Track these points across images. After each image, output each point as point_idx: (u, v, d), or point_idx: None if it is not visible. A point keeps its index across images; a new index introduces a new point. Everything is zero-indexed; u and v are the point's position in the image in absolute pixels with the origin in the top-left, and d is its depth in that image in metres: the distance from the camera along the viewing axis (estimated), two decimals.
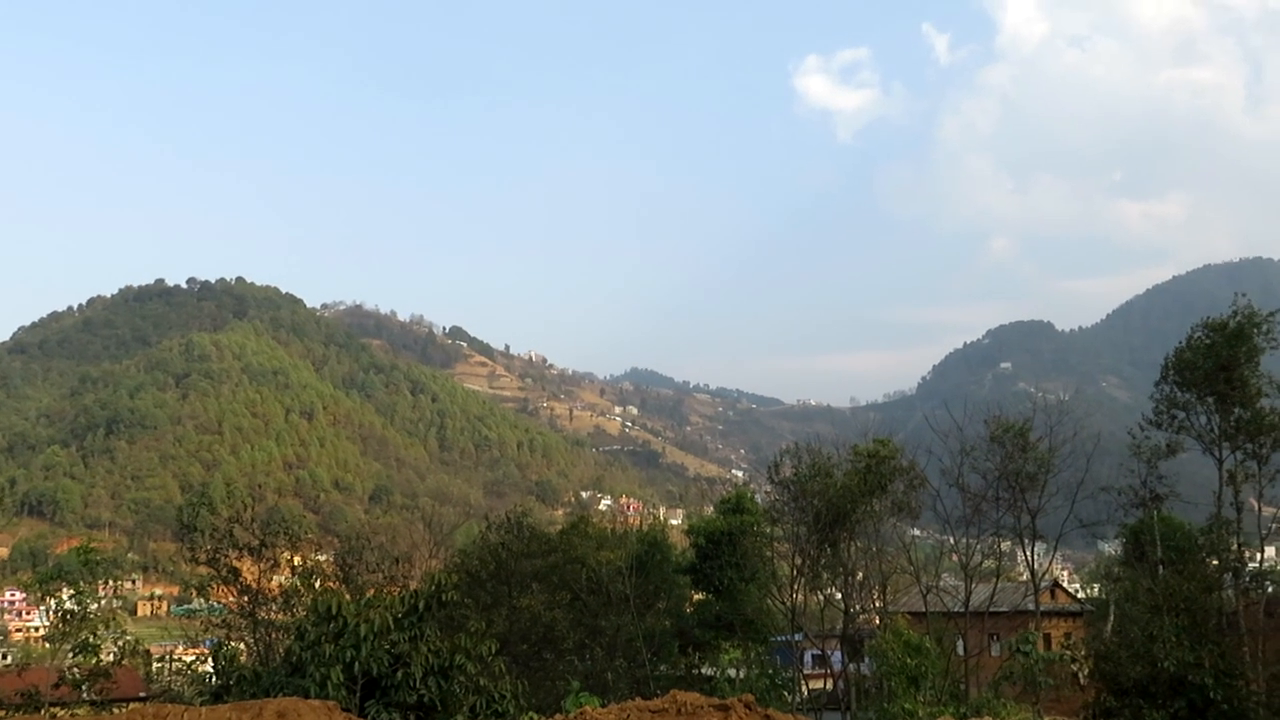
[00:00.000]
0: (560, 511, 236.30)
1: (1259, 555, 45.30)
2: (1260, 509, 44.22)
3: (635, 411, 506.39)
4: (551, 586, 47.95)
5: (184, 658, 52.87)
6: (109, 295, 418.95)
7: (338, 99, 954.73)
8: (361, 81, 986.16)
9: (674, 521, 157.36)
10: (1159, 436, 44.12)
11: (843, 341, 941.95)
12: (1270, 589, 46.15)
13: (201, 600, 43.09)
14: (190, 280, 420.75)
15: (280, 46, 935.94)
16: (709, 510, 66.75)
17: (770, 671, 49.66)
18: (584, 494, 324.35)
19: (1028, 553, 50.56)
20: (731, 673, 50.15)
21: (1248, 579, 43.33)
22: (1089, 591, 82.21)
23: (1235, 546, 43.08)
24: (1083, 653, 44.36)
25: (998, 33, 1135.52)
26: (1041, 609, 54.63)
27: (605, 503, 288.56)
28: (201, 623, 43.44)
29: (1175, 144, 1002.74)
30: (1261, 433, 40.87)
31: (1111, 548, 69.47)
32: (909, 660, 38.61)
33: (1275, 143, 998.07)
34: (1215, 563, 43.59)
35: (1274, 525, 47.28)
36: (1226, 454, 41.94)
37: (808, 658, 58.44)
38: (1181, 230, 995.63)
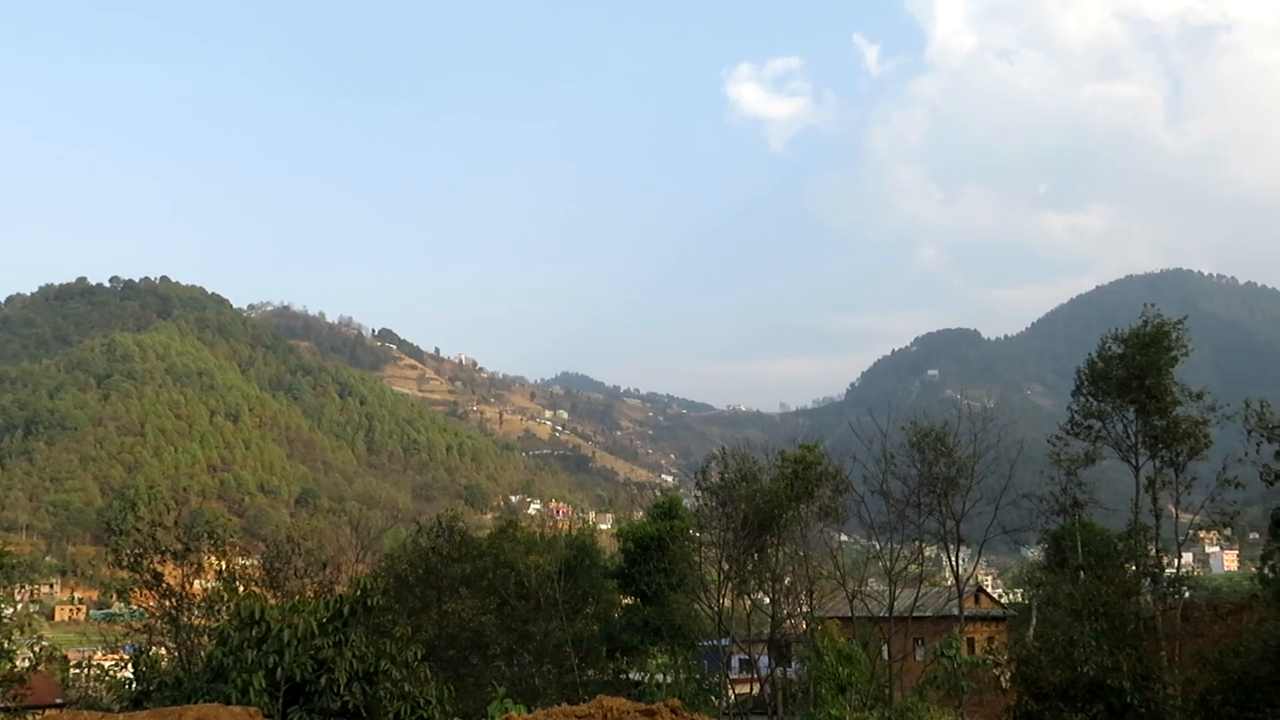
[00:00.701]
0: (489, 516, 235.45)
1: (1176, 561, 46.17)
2: (1177, 515, 45.12)
3: (565, 416, 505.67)
4: (480, 591, 47.74)
5: (103, 663, 52.00)
6: (28, 294, 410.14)
7: (263, 102, 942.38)
8: (287, 85, 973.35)
9: (603, 526, 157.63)
10: (1078, 445, 44.86)
11: (774, 347, 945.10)
12: (1187, 594, 47.08)
13: (122, 605, 42.42)
14: (113, 279, 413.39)
15: (206, 49, 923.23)
16: (639, 515, 66.85)
17: (698, 676, 49.89)
18: (513, 498, 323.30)
19: (952, 558, 51.14)
20: (659, 677, 50.29)
21: (1165, 584, 44.17)
22: (1012, 596, 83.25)
23: (1153, 552, 43.90)
24: (1005, 657, 44.94)
25: (928, 44, 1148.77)
26: (965, 614, 55.32)
27: (535, 507, 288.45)
28: (122, 628, 42.79)
29: (1098, 157, 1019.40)
30: (1177, 440, 41.72)
31: (1034, 553, 70.50)
32: (841, 668, 38.92)
33: (1194, 157, 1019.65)
34: (1134, 568, 44.39)
35: (1191, 531, 48.31)
36: (1144, 461, 42.77)
37: (735, 662, 58.65)
38: (1104, 242, 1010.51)
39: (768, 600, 51.68)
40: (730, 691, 53.09)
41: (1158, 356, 41.89)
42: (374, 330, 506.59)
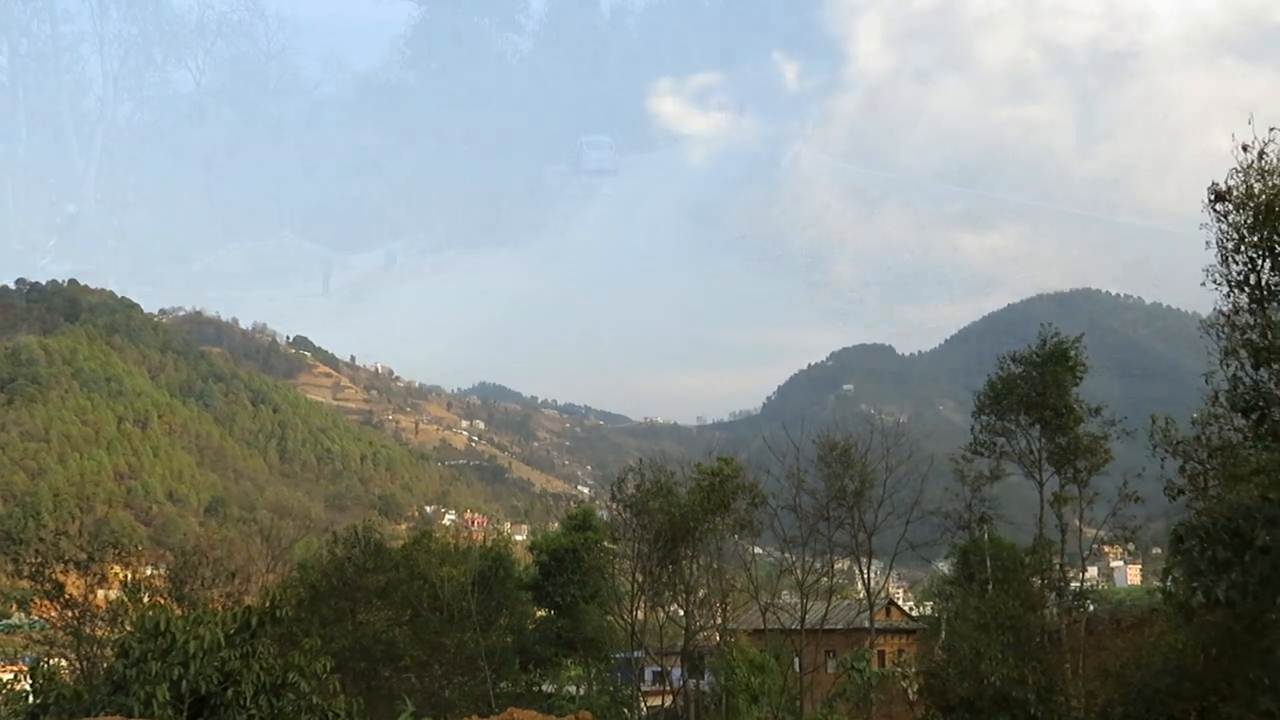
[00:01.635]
0: (404, 526, 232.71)
1: (1081, 575, 47.08)
2: (1082, 530, 46.01)
3: (482, 426, 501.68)
4: (394, 603, 47.34)
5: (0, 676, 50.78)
6: None
7: (173, 103, 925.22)
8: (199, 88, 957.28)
9: (519, 537, 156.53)
10: (982, 463, 45.54)
11: (691, 360, 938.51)
12: (1091, 608, 48.05)
13: (22, 615, 41.56)
14: (19, 281, 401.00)
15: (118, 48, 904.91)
16: (554, 526, 66.77)
17: (610, 688, 49.93)
18: (428, 508, 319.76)
19: (864, 571, 51.69)
20: (572, 689, 50.25)
21: (1070, 598, 45.02)
22: (922, 609, 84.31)
23: (1059, 567, 44.74)
24: (913, 669, 45.53)
25: (846, 63, 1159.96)
26: (876, 626, 55.89)
27: (450, 517, 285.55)
28: (21, 639, 41.92)
29: (1010, 178, 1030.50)
30: (1079, 456, 42.54)
31: (944, 567, 71.66)
32: (754, 678, 39.21)
33: (1103, 180, 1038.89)
34: (1039, 582, 45.18)
35: (1095, 546, 49.34)
36: (1048, 477, 43.53)
37: (648, 674, 58.77)
38: (1015, 261, 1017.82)
39: (682, 612, 51.86)
40: (643, 703, 53.17)
41: (1060, 374, 42.69)
42: (288, 337, 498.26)
